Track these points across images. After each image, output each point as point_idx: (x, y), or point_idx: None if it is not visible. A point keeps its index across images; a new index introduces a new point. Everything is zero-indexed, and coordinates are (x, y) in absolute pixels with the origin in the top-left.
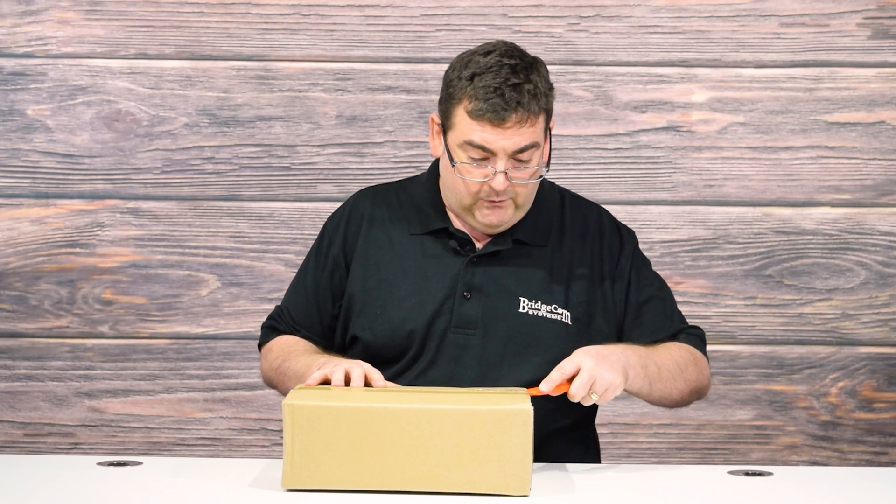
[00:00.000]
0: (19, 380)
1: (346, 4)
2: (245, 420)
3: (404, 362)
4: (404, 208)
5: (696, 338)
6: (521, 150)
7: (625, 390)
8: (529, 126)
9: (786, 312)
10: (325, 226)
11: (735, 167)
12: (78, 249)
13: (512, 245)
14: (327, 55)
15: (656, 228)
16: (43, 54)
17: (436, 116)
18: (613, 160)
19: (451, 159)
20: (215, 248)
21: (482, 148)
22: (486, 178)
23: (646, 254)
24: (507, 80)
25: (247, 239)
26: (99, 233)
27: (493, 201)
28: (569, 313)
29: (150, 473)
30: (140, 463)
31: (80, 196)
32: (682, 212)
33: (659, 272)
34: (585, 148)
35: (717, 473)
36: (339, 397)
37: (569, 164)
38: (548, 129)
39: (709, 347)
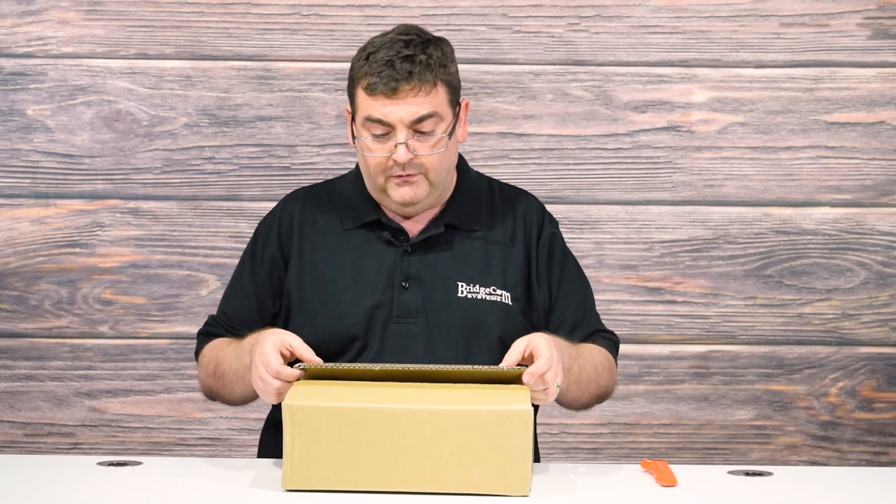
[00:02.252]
0: (19, 380)
1: (346, 4)
2: (245, 420)
3: (350, 356)
4: (335, 205)
5: (612, 343)
6: (419, 120)
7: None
8: (424, 95)
9: (786, 312)
10: (256, 229)
11: (735, 167)
12: (78, 249)
13: (444, 230)
14: (327, 55)
15: (656, 228)
16: (43, 54)
17: (348, 106)
18: (613, 160)
19: (354, 138)
20: (215, 248)
21: (380, 122)
22: (390, 153)
23: (646, 254)
24: (398, 52)
25: (246, 239)
26: (99, 233)
27: (401, 175)
28: (508, 293)
29: (150, 473)
30: (140, 463)
31: (80, 196)
32: (682, 212)
33: (659, 272)
34: (585, 148)
35: (717, 473)
36: (340, 398)
37: (569, 164)
38: (455, 105)
39: (709, 347)
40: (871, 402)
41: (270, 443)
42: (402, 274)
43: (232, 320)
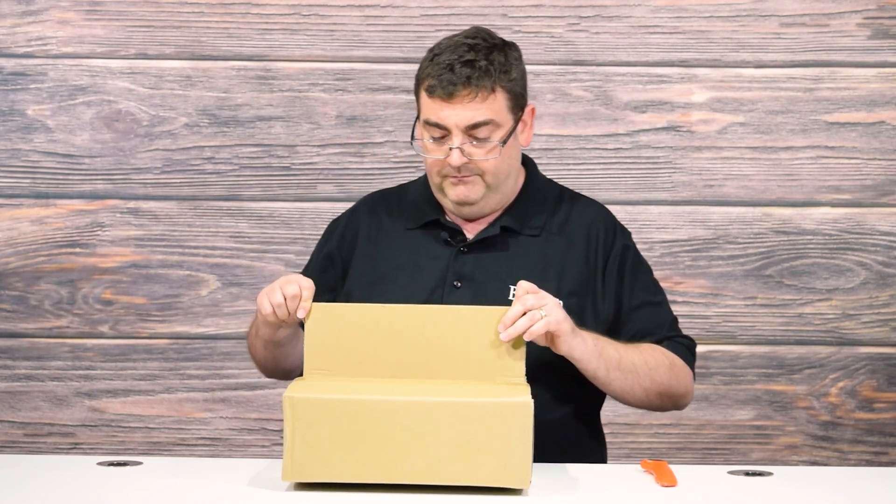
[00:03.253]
0: (19, 380)
1: (346, 4)
2: (245, 420)
3: None
4: (402, 206)
5: (683, 347)
6: (475, 126)
7: (576, 363)
8: (481, 101)
9: (786, 312)
10: (327, 227)
11: (735, 167)
12: (78, 249)
13: (500, 232)
14: (327, 55)
15: (656, 228)
16: (43, 54)
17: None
18: (613, 160)
19: (412, 139)
20: (215, 248)
21: (437, 125)
22: (445, 156)
23: (645, 254)
24: (461, 56)
25: (247, 239)
26: (99, 233)
27: (457, 177)
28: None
29: (150, 473)
30: (140, 463)
31: (80, 196)
32: (682, 212)
33: (659, 272)
34: (585, 148)
35: (717, 473)
36: (340, 390)
37: (569, 164)
38: (518, 110)
39: (709, 347)
40: (871, 402)
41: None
42: (455, 273)
43: None
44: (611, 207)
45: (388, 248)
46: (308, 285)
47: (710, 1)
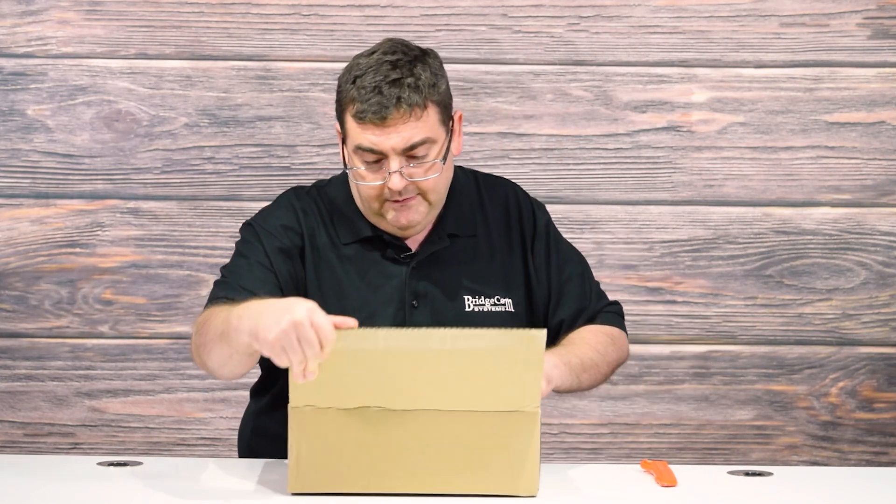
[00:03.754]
0: (19, 380)
1: (346, 4)
2: None
3: None
4: (333, 215)
5: (614, 315)
6: (412, 147)
7: (555, 391)
8: (415, 120)
9: (786, 312)
10: (254, 227)
11: (735, 167)
12: (78, 249)
13: (448, 241)
14: (327, 55)
15: (656, 228)
16: (43, 54)
17: (338, 126)
18: (613, 160)
19: (346, 167)
20: (215, 248)
21: (371, 151)
22: (384, 181)
23: (645, 254)
24: (386, 76)
25: None
26: (99, 233)
27: (398, 201)
28: (510, 300)
29: (150, 473)
30: (140, 463)
31: (80, 196)
32: (682, 212)
33: (659, 272)
34: (585, 148)
35: (717, 473)
36: (346, 400)
37: (569, 164)
38: (448, 119)
39: (709, 347)
40: (871, 402)
41: (253, 442)
42: (412, 292)
43: (241, 282)
44: (611, 207)
45: (327, 259)
46: (329, 338)
47: (710, 1)
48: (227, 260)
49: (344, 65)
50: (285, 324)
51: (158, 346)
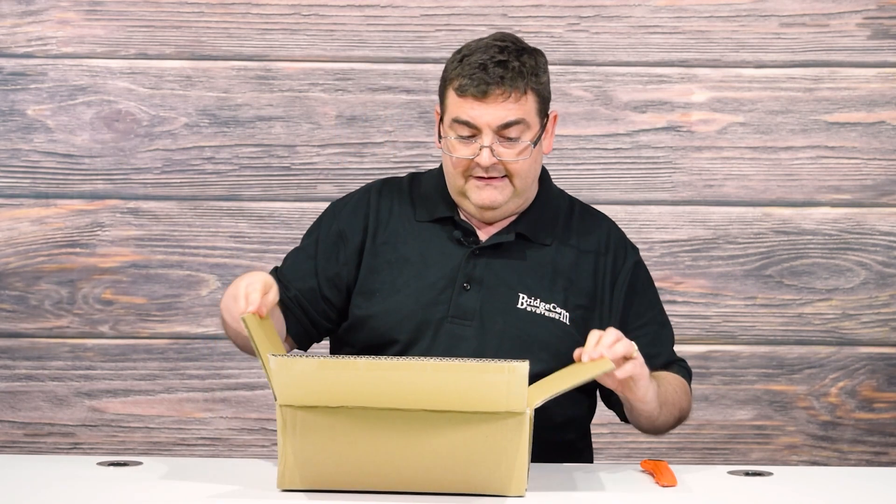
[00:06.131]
0: (19, 380)
1: (346, 4)
2: (245, 420)
3: (399, 347)
4: (413, 195)
5: (685, 370)
6: (506, 126)
7: (639, 404)
8: (514, 101)
9: (786, 312)
10: (328, 207)
11: (735, 167)
12: (78, 249)
13: (515, 238)
14: (327, 55)
15: (656, 228)
16: (43, 54)
17: (438, 107)
18: (613, 160)
19: (440, 138)
20: (215, 248)
21: (467, 124)
22: (474, 156)
23: (645, 254)
24: (493, 57)
25: (247, 239)
26: (99, 233)
27: (483, 178)
28: (567, 314)
29: (150, 473)
30: (140, 463)
31: (80, 196)
32: (682, 212)
33: (659, 272)
34: (585, 148)
35: (717, 473)
36: (334, 398)
37: (569, 164)
38: (544, 115)
39: (709, 347)
40: (871, 402)
41: None
42: (466, 275)
43: (286, 274)
44: (611, 207)
45: (397, 234)
46: (270, 290)
47: (710, 1)
48: (227, 260)
49: (344, 65)
50: (237, 285)
51: (158, 346)
